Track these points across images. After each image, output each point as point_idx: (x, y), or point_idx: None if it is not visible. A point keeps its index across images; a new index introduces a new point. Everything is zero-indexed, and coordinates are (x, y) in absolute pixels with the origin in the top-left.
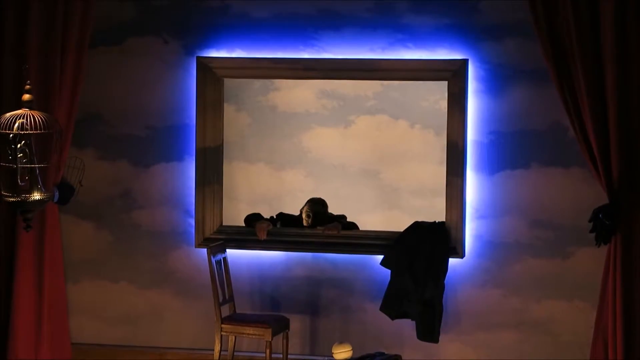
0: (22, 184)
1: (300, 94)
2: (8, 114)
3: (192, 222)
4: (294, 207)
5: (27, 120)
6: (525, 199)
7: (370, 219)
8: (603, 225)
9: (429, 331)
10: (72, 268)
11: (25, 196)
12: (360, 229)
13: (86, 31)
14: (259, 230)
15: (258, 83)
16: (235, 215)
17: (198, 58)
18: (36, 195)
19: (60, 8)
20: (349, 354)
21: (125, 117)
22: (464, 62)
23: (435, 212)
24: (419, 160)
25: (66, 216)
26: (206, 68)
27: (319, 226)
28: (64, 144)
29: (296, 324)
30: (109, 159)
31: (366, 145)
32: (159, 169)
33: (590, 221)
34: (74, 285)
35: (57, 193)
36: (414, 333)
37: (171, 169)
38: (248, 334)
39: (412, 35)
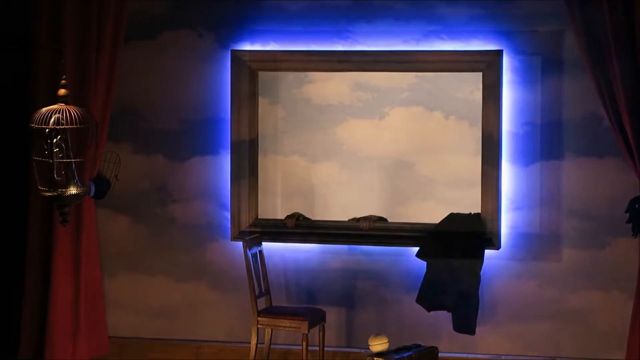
0: (59, 178)
1: (334, 86)
2: (44, 109)
3: (228, 215)
4: (329, 199)
5: (62, 115)
6: (561, 190)
7: (405, 210)
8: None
9: (466, 323)
10: (108, 262)
11: (62, 190)
12: (396, 220)
13: (121, 25)
14: (288, 219)
15: (292, 76)
16: (270, 208)
17: (232, 51)
18: (72, 190)
19: (95, 2)
20: (385, 346)
21: (161, 111)
22: (499, 53)
23: (471, 203)
24: (454, 151)
25: (102, 210)
26: (240, 61)
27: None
28: (99, 138)
29: (332, 316)
30: (145, 153)
31: (401, 137)
32: (195, 163)
33: (626, 211)
34: (110, 279)
35: (93, 187)
36: (450, 325)
37: (206, 162)
38: (284, 326)
39: (446, 27)
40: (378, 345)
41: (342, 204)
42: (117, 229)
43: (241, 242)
